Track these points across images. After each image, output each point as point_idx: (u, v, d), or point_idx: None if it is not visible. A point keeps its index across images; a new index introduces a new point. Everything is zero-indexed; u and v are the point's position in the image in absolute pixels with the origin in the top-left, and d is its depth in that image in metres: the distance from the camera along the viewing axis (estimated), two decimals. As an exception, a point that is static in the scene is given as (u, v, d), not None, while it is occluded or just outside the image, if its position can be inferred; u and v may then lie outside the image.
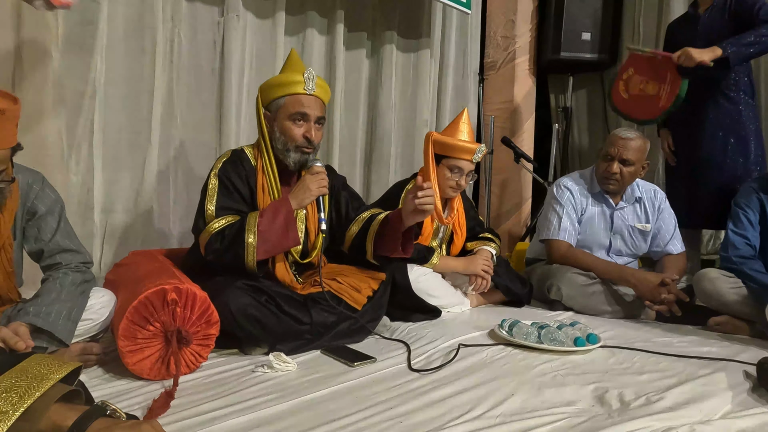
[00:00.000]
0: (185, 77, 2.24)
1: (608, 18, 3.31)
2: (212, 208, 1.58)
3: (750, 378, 1.39)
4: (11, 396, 0.76)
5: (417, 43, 3.05)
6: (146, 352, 1.30)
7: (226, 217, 1.58)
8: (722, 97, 2.37)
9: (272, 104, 1.66)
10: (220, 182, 1.62)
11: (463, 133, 2.16)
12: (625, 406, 1.20)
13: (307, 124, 1.64)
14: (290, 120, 1.63)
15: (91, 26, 1.94)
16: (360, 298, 1.69)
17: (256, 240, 1.51)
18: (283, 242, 1.57)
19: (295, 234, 1.59)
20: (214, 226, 1.56)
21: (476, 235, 2.34)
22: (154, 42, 2.11)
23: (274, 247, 1.56)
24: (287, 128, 1.64)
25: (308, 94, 1.64)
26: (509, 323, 1.73)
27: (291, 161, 1.66)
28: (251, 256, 1.52)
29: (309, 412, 1.14)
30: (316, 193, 1.61)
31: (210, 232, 1.55)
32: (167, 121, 2.19)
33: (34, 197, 1.36)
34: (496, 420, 1.11)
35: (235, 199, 1.62)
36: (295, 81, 1.63)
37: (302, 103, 1.63)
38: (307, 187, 1.60)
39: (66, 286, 1.31)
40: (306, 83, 1.62)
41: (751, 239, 1.96)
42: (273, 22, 2.45)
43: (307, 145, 1.65)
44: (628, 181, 2.23)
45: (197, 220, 1.61)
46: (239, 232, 1.53)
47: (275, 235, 1.54)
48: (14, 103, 1.20)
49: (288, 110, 1.63)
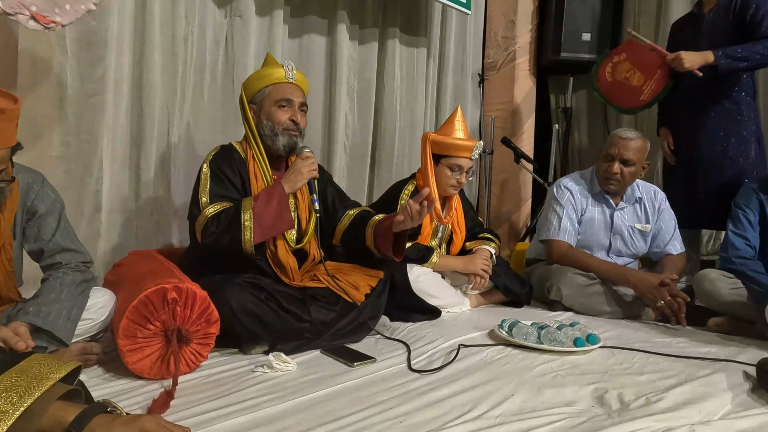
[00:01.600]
0: (188, 77, 2.23)
1: (608, 18, 3.31)
2: (206, 196, 1.62)
3: (750, 379, 1.39)
4: (11, 395, 0.76)
5: (417, 42, 3.05)
6: (146, 351, 1.30)
7: (221, 202, 1.61)
8: (724, 97, 2.36)
9: (257, 95, 1.75)
10: (211, 172, 1.67)
11: (459, 131, 2.17)
12: (624, 406, 1.20)
13: (291, 109, 1.74)
14: (276, 106, 1.73)
15: (104, 23, 1.94)
16: (358, 295, 1.70)
17: (252, 222, 1.55)
18: (277, 224, 1.61)
19: (288, 216, 1.63)
20: (209, 211, 1.59)
21: (476, 235, 2.35)
22: (159, 41, 2.10)
23: (269, 230, 1.60)
24: (273, 113, 1.72)
25: (290, 82, 1.75)
26: (509, 323, 1.73)
27: (280, 145, 1.73)
28: (248, 236, 1.55)
29: (309, 412, 1.14)
30: (307, 176, 1.69)
31: (206, 216, 1.58)
32: (170, 122, 2.19)
33: (34, 197, 1.36)
34: (496, 420, 1.12)
35: (227, 188, 1.66)
36: (277, 72, 1.75)
37: (285, 90, 1.74)
38: (299, 171, 1.68)
39: (66, 286, 1.32)
40: (287, 72, 1.74)
41: (751, 240, 1.96)
42: (275, 23, 2.45)
43: (294, 127, 1.73)
44: (629, 181, 2.23)
45: (191, 208, 1.65)
46: (235, 214, 1.57)
47: (270, 216, 1.58)
48: (14, 103, 1.20)
49: (273, 97, 1.73)
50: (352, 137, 2.84)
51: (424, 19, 3.07)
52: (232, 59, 2.33)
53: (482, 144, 2.21)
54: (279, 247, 1.68)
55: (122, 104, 2.07)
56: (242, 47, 2.34)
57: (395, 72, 2.92)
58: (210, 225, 1.57)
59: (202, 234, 1.58)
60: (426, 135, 2.20)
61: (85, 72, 1.93)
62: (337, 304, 1.65)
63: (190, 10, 2.20)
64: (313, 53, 2.63)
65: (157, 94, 2.12)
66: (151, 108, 2.11)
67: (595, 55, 3.31)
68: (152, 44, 2.09)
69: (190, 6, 2.21)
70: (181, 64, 2.19)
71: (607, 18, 3.31)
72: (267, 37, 2.44)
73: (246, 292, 1.50)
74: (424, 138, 2.20)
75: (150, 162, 2.14)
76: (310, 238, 1.77)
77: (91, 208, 2.01)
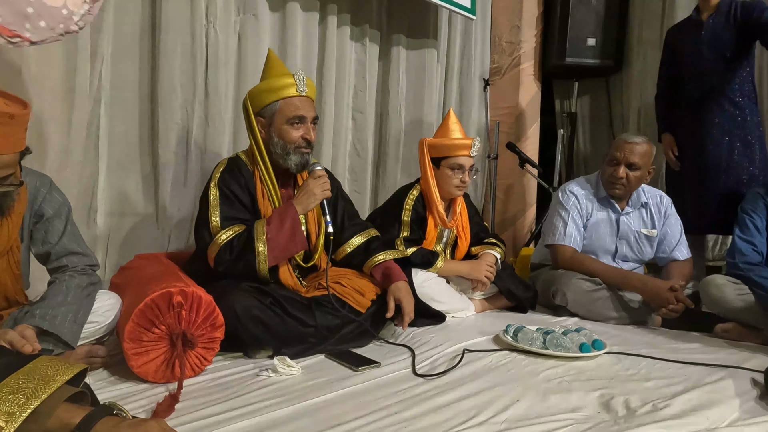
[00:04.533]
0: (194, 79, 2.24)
1: (613, 23, 3.31)
2: (217, 220, 1.59)
3: (757, 386, 1.37)
4: (18, 397, 0.77)
5: (424, 47, 3.05)
6: (151, 354, 1.30)
7: (232, 227, 1.59)
8: (727, 102, 2.37)
9: (266, 109, 1.68)
10: (221, 192, 1.63)
11: (455, 132, 2.18)
12: (631, 412, 1.19)
13: (304, 126, 1.68)
14: (288, 124, 1.67)
15: (99, 33, 1.96)
16: (364, 302, 1.69)
17: (266, 247, 1.53)
18: (290, 247, 1.60)
19: (302, 238, 1.62)
20: (222, 238, 1.57)
21: (481, 240, 2.34)
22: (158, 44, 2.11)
23: (282, 253, 1.59)
24: (286, 132, 1.67)
25: (301, 95, 1.68)
26: (514, 329, 1.72)
27: (292, 164, 1.69)
28: (263, 263, 1.54)
29: (313, 417, 1.14)
30: (320, 197, 1.65)
31: (218, 244, 1.56)
32: (180, 124, 2.20)
33: (42, 200, 1.37)
34: (501, 426, 1.11)
35: (237, 208, 1.64)
36: (287, 84, 1.67)
37: (298, 106, 1.67)
38: (311, 192, 1.64)
39: (72, 289, 1.32)
40: (298, 85, 1.67)
41: (758, 245, 1.94)
42: (285, 23, 2.45)
43: (306, 146, 1.69)
44: (635, 185, 2.22)
45: (202, 233, 1.62)
46: (248, 241, 1.55)
47: (283, 240, 1.57)
48: (24, 108, 1.21)
49: (285, 114, 1.66)
50: (357, 141, 2.84)
51: (430, 24, 3.08)
52: (244, 59, 2.31)
53: (480, 140, 2.21)
54: (281, 271, 1.65)
55: (131, 106, 2.08)
56: (251, 46, 2.32)
57: (400, 76, 2.93)
58: (223, 254, 1.56)
59: (215, 262, 1.57)
60: (423, 141, 2.21)
61: (94, 73, 1.95)
62: (343, 310, 1.64)
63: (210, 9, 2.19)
64: (316, 56, 2.62)
65: (167, 96, 2.12)
66: (161, 110, 2.12)
67: (599, 60, 3.32)
68: (155, 46, 2.09)
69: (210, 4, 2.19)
70: (197, 65, 2.18)
71: (611, 23, 3.31)
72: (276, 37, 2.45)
73: (251, 297, 1.50)
74: (421, 144, 2.21)
75: (158, 165, 2.14)
76: (320, 254, 1.76)
77: (99, 211, 2.02)
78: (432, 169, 2.18)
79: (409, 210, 2.15)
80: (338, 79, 2.69)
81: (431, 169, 2.18)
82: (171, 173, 2.18)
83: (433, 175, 2.17)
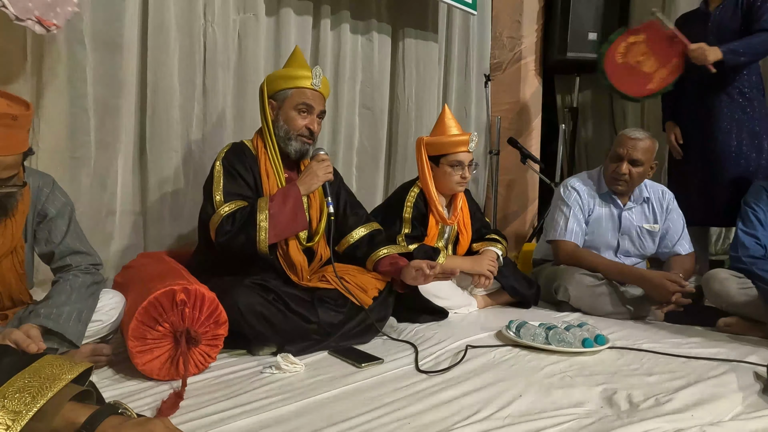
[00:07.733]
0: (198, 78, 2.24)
1: (614, 18, 3.30)
2: (220, 194, 1.63)
3: (760, 379, 1.37)
4: (24, 396, 0.77)
5: (426, 42, 3.04)
6: (155, 352, 1.31)
7: (236, 201, 1.62)
8: (735, 92, 2.37)
9: (279, 94, 1.74)
10: (224, 169, 1.68)
11: (451, 128, 2.17)
12: (634, 407, 1.19)
13: (310, 116, 1.74)
14: (295, 110, 1.73)
15: (118, 23, 1.95)
16: (366, 298, 1.70)
17: (268, 222, 1.56)
18: (292, 225, 1.62)
19: (303, 217, 1.65)
20: (225, 210, 1.60)
21: (483, 236, 2.34)
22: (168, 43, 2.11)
23: (283, 230, 1.61)
24: (292, 118, 1.73)
25: (314, 89, 1.74)
26: (517, 324, 1.72)
27: (292, 150, 1.74)
28: (263, 237, 1.56)
29: (316, 413, 1.14)
30: (323, 178, 1.70)
31: (221, 215, 1.59)
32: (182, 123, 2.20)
33: (45, 200, 1.37)
34: (505, 421, 1.11)
35: (240, 185, 1.67)
36: (304, 76, 1.74)
37: (308, 96, 1.74)
38: (314, 173, 1.69)
39: (76, 288, 1.33)
40: (314, 79, 1.74)
41: (761, 239, 1.94)
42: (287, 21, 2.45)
43: (309, 135, 1.74)
44: (637, 181, 2.22)
45: (205, 206, 1.66)
46: (251, 214, 1.58)
47: (285, 218, 1.59)
48: (26, 109, 1.21)
49: (294, 101, 1.73)
50: (366, 138, 2.84)
51: (431, 19, 3.06)
52: (245, 57, 2.31)
53: (477, 135, 2.20)
54: (290, 245, 1.69)
55: (136, 106, 2.08)
56: (253, 45, 2.32)
57: (404, 72, 2.92)
58: (225, 224, 1.58)
59: (216, 233, 1.59)
60: (420, 140, 2.20)
61: (101, 73, 1.95)
62: (345, 306, 1.65)
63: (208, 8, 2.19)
64: (325, 51, 2.61)
65: (169, 95, 2.13)
66: (163, 110, 2.12)
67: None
68: (169, 44, 2.09)
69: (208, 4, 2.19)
70: (196, 64, 2.18)
71: (613, 17, 3.30)
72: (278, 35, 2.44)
73: (254, 294, 1.51)
74: (418, 143, 2.21)
75: (160, 163, 2.14)
76: (320, 237, 1.78)
77: (105, 210, 2.02)
78: (430, 168, 2.17)
79: (410, 207, 2.15)
80: (341, 74, 2.68)
81: (429, 168, 2.17)
82: (171, 172, 2.18)
83: (430, 173, 2.17)
